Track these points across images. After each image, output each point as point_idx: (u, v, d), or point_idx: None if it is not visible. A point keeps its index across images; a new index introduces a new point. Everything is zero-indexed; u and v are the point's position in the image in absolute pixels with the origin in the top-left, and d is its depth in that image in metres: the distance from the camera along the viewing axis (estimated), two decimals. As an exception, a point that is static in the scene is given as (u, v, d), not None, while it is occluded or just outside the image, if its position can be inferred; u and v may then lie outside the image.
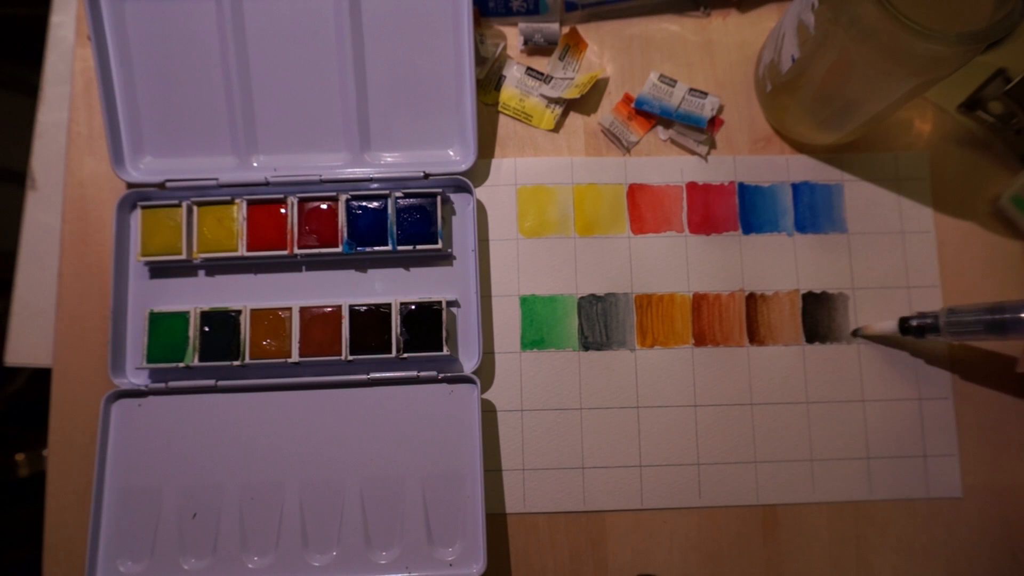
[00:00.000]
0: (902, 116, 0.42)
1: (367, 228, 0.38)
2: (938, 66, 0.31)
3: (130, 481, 0.37)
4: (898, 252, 0.41)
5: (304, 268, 0.39)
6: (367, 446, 0.37)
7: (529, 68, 0.42)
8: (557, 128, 0.41)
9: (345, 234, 0.38)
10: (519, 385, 0.39)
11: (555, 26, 0.42)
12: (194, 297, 0.38)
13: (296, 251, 0.38)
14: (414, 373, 0.37)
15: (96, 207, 0.40)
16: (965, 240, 0.41)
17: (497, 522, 0.38)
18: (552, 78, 0.42)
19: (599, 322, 0.39)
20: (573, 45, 0.42)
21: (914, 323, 0.36)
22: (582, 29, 0.42)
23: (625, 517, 0.38)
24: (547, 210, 0.40)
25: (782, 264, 0.40)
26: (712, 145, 0.41)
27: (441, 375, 0.37)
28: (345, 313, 0.37)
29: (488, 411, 0.38)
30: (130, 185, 0.39)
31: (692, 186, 0.41)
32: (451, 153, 0.39)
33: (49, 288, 0.40)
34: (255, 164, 0.39)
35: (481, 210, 0.40)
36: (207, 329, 0.37)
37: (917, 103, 0.42)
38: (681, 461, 0.38)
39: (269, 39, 0.38)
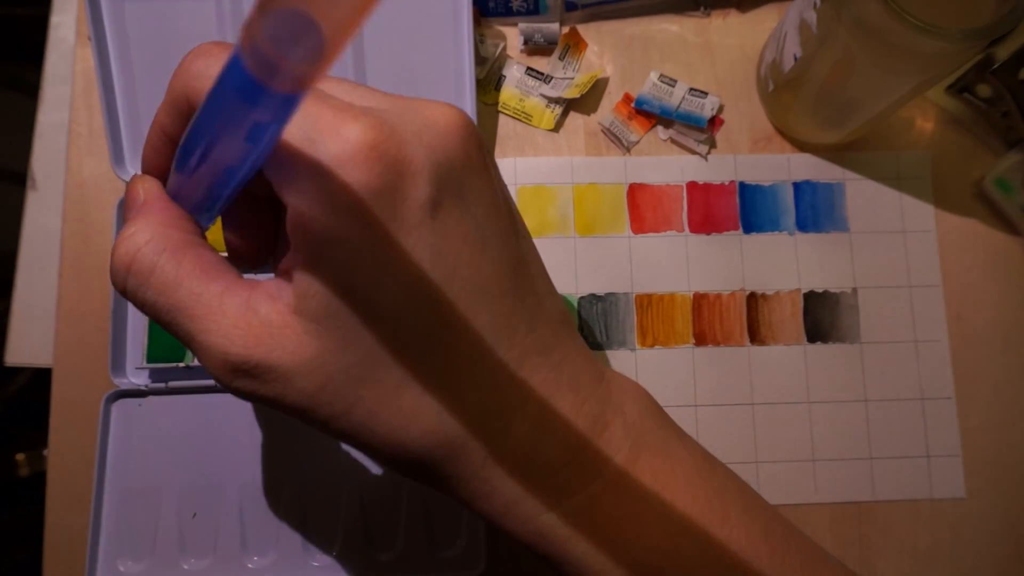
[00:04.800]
0: (904, 115, 0.42)
1: (367, 228, 0.38)
2: (941, 63, 0.31)
3: (130, 481, 0.37)
4: (899, 251, 0.41)
5: (304, 268, 0.39)
6: (367, 446, 0.37)
7: (529, 68, 0.42)
8: (557, 128, 0.41)
9: (345, 234, 0.38)
10: (519, 385, 0.39)
11: (555, 26, 0.42)
12: (194, 297, 0.38)
13: (296, 251, 0.38)
14: (414, 373, 0.37)
15: (96, 207, 0.40)
16: (966, 240, 0.41)
17: (497, 522, 0.37)
18: (552, 78, 0.42)
19: (599, 322, 0.39)
20: (573, 45, 0.42)
21: None
22: (582, 29, 0.42)
23: (626, 517, 0.38)
24: (547, 210, 0.40)
25: (783, 263, 0.40)
26: (712, 144, 0.41)
27: (441, 375, 0.37)
28: (345, 313, 0.37)
29: (488, 411, 0.38)
30: (130, 185, 0.39)
31: (692, 185, 0.41)
32: (451, 153, 0.39)
33: (49, 288, 0.40)
34: (255, 164, 0.39)
35: (481, 210, 0.40)
36: (207, 329, 0.37)
37: (918, 102, 0.42)
38: (682, 461, 0.38)
39: (269, 39, 0.38)
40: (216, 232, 0.38)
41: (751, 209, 0.41)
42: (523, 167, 0.41)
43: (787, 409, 0.39)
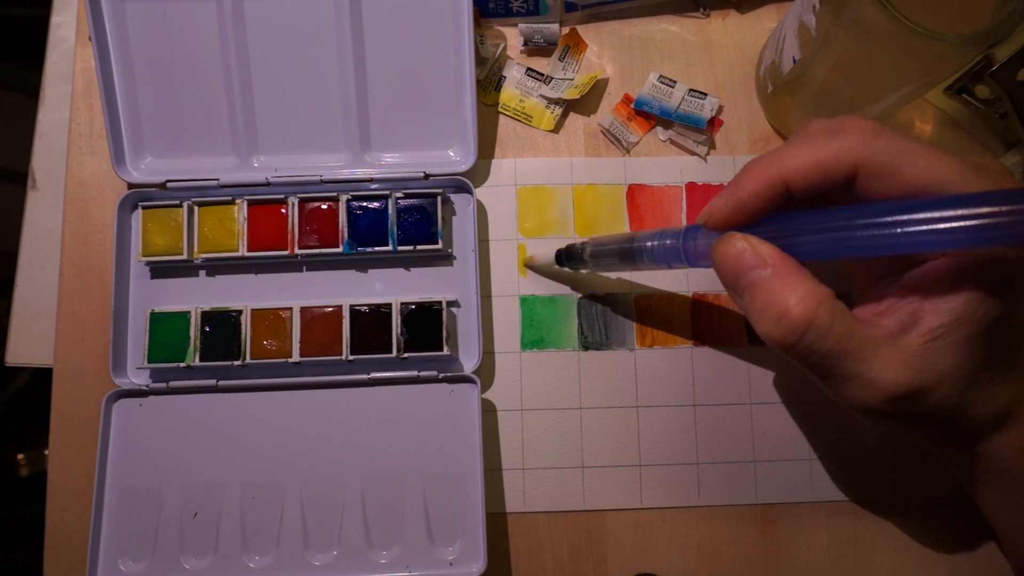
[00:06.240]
0: (903, 117, 0.42)
1: (367, 228, 0.38)
2: (939, 67, 0.31)
3: (131, 481, 0.37)
4: (897, 252, 0.41)
5: (305, 268, 0.39)
6: (368, 446, 0.37)
7: (529, 69, 0.42)
8: (557, 129, 0.41)
9: (346, 234, 0.38)
10: (519, 385, 0.39)
11: (555, 27, 0.42)
12: (195, 297, 0.39)
13: (297, 251, 0.38)
14: (414, 373, 0.37)
15: (97, 207, 0.40)
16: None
17: (497, 521, 0.38)
18: (552, 79, 0.42)
19: (599, 322, 0.40)
20: (573, 46, 0.42)
21: (563, 253, 0.37)
22: (582, 30, 0.42)
23: (624, 516, 0.38)
24: (547, 210, 0.40)
25: (781, 264, 0.40)
26: (711, 145, 0.41)
27: (441, 375, 0.37)
28: (346, 313, 0.37)
29: (488, 411, 0.39)
30: (131, 185, 0.39)
31: (692, 186, 0.41)
32: (451, 154, 0.40)
33: (50, 288, 0.40)
34: (256, 164, 0.39)
35: (481, 210, 0.40)
36: (208, 329, 0.37)
37: (917, 103, 0.42)
38: (680, 460, 0.39)
39: (270, 39, 0.38)
40: (217, 232, 0.38)
41: (750, 210, 0.41)
42: (523, 168, 0.41)
43: (784, 408, 0.39)
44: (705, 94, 0.41)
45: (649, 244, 0.32)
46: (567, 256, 0.37)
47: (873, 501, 0.38)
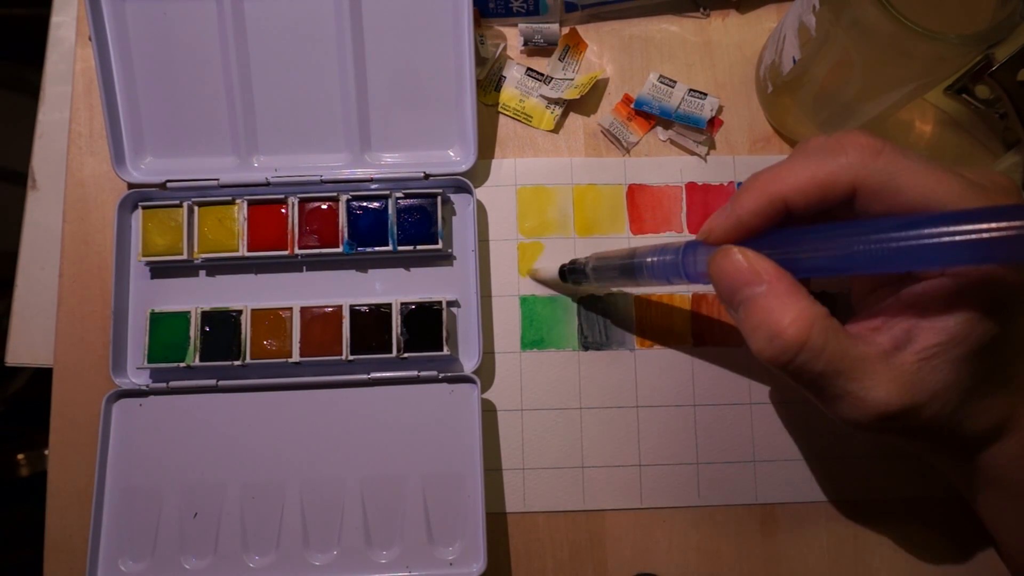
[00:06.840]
0: (903, 117, 0.42)
1: (368, 228, 0.38)
2: (939, 67, 0.31)
3: (131, 480, 0.37)
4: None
5: (305, 268, 0.39)
6: (368, 446, 0.37)
7: (529, 69, 0.42)
8: (557, 129, 0.41)
9: (346, 234, 0.38)
10: (519, 385, 0.39)
11: (555, 27, 0.42)
12: (195, 297, 0.39)
13: (297, 251, 0.38)
14: (414, 373, 0.37)
15: (97, 207, 0.40)
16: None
17: (497, 521, 0.38)
18: (552, 79, 0.42)
19: (599, 322, 0.40)
20: (573, 46, 0.42)
21: (567, 268, 0.38)
22: (582, 30, 0.42)
23: (624, 516, 0.38)
24: (547, 210, 0.40)
25: (781, 264, 0.40)
26: (711, 145, 0.41)
27: (441, 375, 0.37)
28: (346, 313, 0.37)
29: (488, 411, 0.39)
30: (131, 185, 0.39)
31: (692, 186, 0.41)
32: (451, 154, 0.40)
33: (49, 288, 0.40)
34: (256, 164, 0.39)
35: (481, 210, 0.40)
36: (208, 329, 0.37)
37: (917, 104, 0.42)
38: (680, 460, 0.39)
39: (270, 39, 0.38)
40: (217, 232, 0.38)
41: (750, 210, 0.41)
42: (523, 168, 0.41)
43: (784, 408, 0.39)
44: (705, 94, 0.41)
45: (649, 260, 0.32)
46: (570, 271, 0.37)
47: (873, 501, 0.38)
